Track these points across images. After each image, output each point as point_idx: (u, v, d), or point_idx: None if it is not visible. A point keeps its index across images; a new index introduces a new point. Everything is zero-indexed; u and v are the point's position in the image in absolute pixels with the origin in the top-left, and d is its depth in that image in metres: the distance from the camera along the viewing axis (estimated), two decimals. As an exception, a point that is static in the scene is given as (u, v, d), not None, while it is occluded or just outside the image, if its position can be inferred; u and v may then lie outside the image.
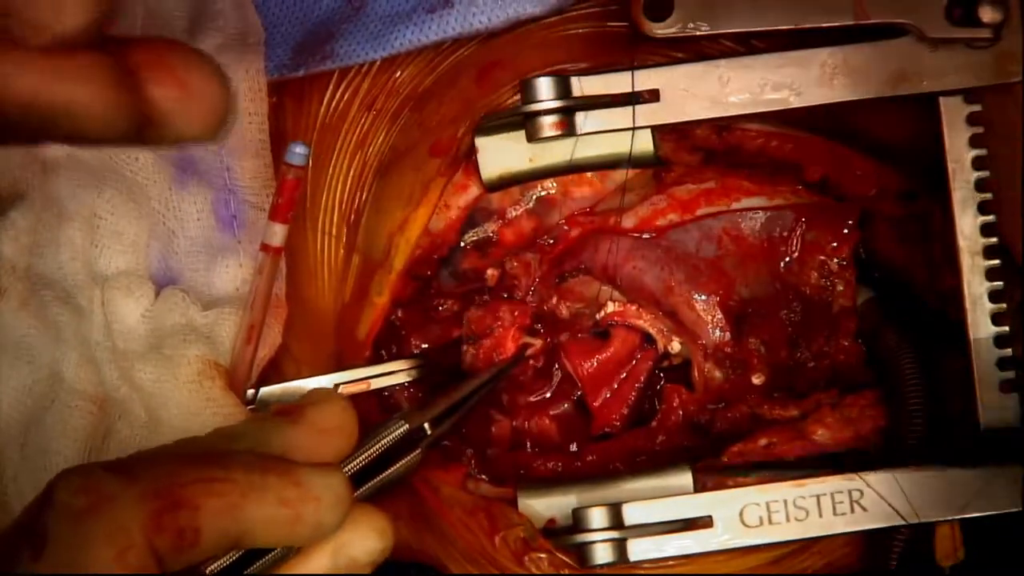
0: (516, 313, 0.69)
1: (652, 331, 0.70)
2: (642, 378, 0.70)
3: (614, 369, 0.70)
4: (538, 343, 0.70)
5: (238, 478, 0.43)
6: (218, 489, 0.43)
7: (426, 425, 0.56)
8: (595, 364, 0.70)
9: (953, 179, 0.60)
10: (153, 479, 0.42)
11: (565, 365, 0.71)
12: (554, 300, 0.71)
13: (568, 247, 0.70)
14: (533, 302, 0.70)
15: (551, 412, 0.71)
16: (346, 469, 0.51)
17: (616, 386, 0.70)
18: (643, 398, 0.71)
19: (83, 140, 0.40)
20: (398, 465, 0.54)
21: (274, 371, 0.64)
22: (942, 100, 0.60)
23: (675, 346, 0.70)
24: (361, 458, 0.52)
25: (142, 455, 0.45)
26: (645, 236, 0.69)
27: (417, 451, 0.55)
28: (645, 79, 0.61)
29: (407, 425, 0.54)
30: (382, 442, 0.53)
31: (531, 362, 0.70)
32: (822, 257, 0.68)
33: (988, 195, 0.60)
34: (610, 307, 0.71)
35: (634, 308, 0.70)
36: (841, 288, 0.68)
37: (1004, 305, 0.60)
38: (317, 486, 0.45)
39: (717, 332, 0.69)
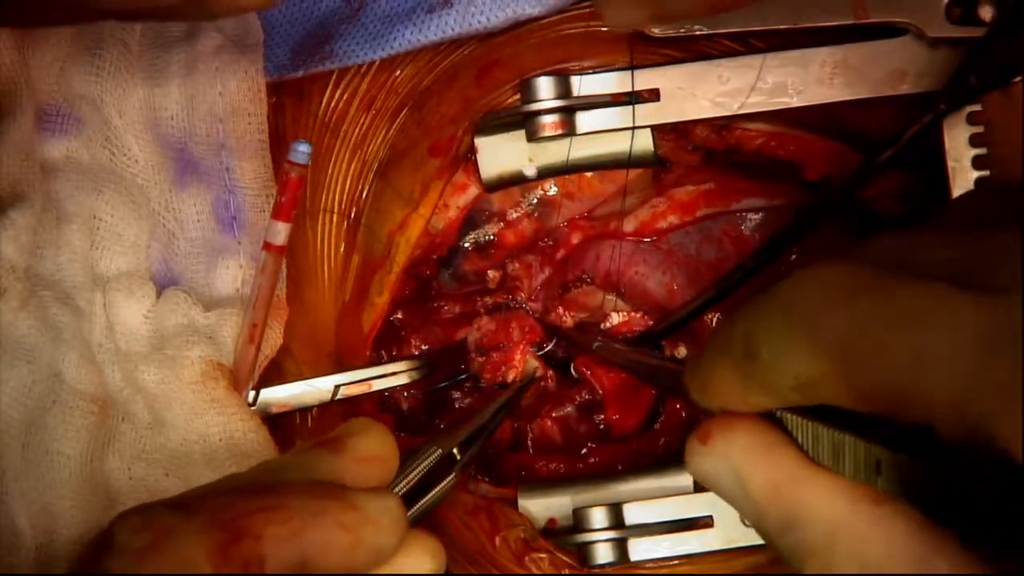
0: (526, 330, 0.69)
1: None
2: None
3: (630, 379, 0.70)
4: (540, 366, 0.70)
5: (296, 505, 0.43)
6: (278, 517, 0.42)
7: (455, 450, 0.57)
8: (617, 377, 0.70)
9: (953, 179, 0.60)
10: (213, 511, 0.42)
11: (589, 379, 0.70)
12: (560, 310, 0.71)
13: (570, 254, 0.70)
14: (537, 310, 0.70)
15: (553, 414, 0.71)
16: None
17: (633, 396, 0.70)
18: (656, 403, 0.70)
19: (140, 13, 0.40)
20: (438, 489, 0.54)
21: (275, 372, 0.64)
22: (942, 99, 0.60)
23: (681, 350, 0.70)
24: (403, 484, 0.52)
25: (197, 491, 0.45)
26: (646, 240, 0.69)
27: (452, 475, 0.55)
28: (645, 79, 0.61)
29: (440, 451, 0.55)
30: (420, 467, 0.54)
31: (541, 383, 0.70)
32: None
33: (988, 193, 0.60)
34: (615, 318, 0.71)
35: (639, 316, 0.70)
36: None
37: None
38: (374, 509, 0.45)
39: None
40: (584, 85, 0.61)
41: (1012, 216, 0.38)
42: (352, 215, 0.66)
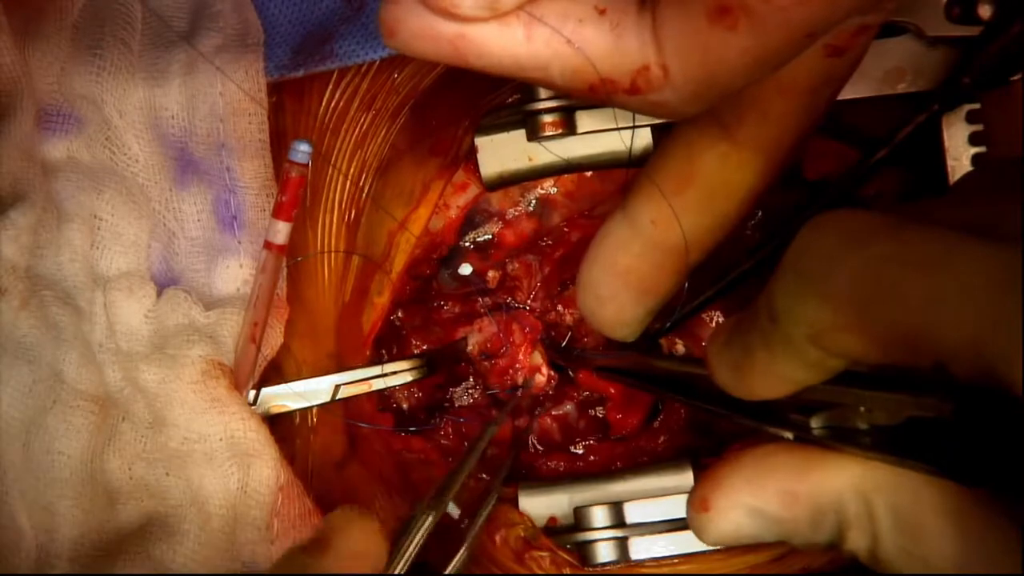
0: (527, 330, 0.69)
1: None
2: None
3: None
4: (544, 363, 0.70)
5: None
6: None
7: (451, 506, 0.56)
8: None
9: (953, 177, 0.60)
10: None
11: (596, 388, 0.70)
12: (559, 308, 0.71)
13: (569, 252, 0.70)
14: (536, 309, 0.70)
15: (553, 412, 0.71)
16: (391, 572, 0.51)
17: (635, 394, 0.70)
18: (655, 401, 0.70)
19: None
20: (481, 518, 0.56)
21: (275, 371, 0.64)
22: (940, 98, 0.60)
23: (679, 348, 0.70)
24: (401, 562, 0.52)
25: None
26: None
27: (493, 495, 0.56)
28: (645, 78, 0.61)
29: (434, 514, 0.54)
30: (416, 540, 0.53)
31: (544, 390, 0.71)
32: (822, 256, 0.68)
33: (987, 192, 0.60)
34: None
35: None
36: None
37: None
38: None
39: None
40: (584, 84, 0.61)
41: (1014, 186, 0.39)
42: (352, 215, 0.66)
